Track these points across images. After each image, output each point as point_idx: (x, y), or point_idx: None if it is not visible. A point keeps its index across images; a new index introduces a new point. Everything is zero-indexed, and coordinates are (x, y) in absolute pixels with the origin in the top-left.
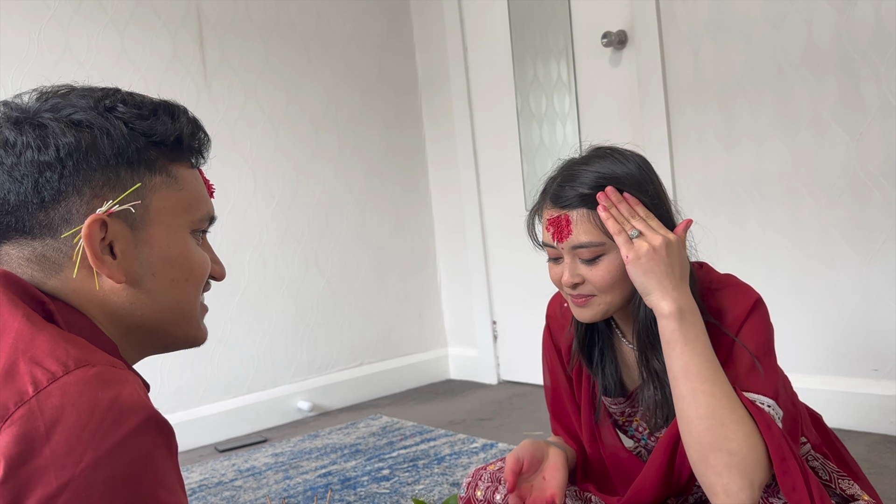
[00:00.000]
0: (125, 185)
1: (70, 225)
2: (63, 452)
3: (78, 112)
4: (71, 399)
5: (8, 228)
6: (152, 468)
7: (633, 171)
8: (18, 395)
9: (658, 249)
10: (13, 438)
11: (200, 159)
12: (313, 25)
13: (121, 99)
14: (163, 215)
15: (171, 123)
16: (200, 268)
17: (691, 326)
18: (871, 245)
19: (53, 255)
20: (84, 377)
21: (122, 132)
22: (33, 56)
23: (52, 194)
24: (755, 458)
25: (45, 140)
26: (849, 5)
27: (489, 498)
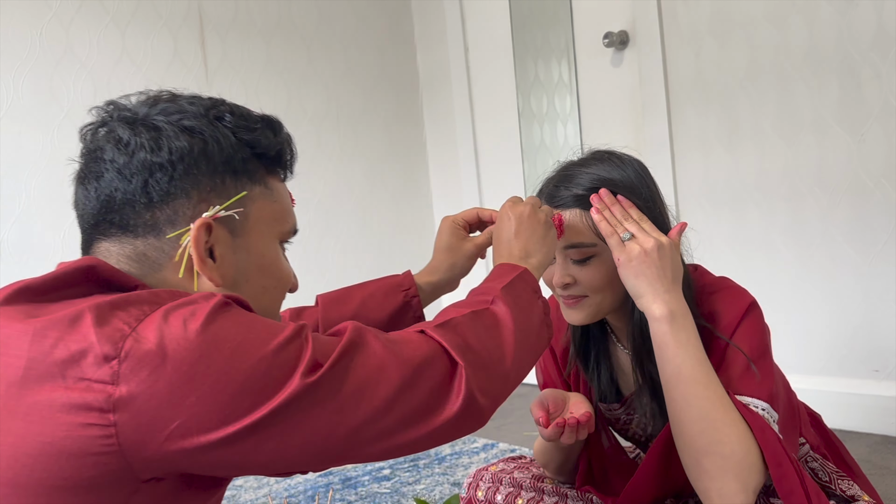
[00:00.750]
0: (229, 192)
1: (175, 226)
2: (181, 363)
3: (188, 118)
4: (162, 320)
5: (110, 225)
6: (255, 326)
7: (628, 175)
8: (119, 332)
9: (650, 252)
10: (136, 366)
11: (290, 174)
12: (314, 25)
13: (228, 109)
14: (259, 224)
15: (273, 137)
16: (287, 278)
17: (683, 329)
18: (872, 246)
19: (154, 254)
20: (165, 307)
21: (230, 141)
22: (35, 55)
23: (161, 195)
24: (749, 461)
25: (159, 142)
26: (850, 6)
27: (490, 498)
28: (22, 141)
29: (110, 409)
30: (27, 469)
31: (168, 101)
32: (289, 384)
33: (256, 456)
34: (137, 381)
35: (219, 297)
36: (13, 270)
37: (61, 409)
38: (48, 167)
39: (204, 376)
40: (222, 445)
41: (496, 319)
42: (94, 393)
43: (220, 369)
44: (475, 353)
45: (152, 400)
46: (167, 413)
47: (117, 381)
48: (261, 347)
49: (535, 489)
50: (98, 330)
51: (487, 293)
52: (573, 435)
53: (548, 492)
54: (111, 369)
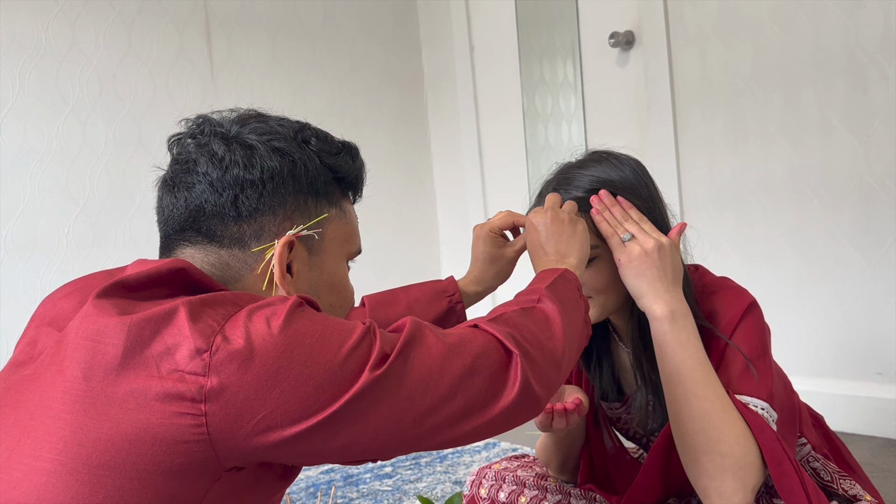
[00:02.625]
0: (311, 212)
1: (260, 241)
2: (269, 357)
3: (279, 140)
4: (247, 319)
5: (196, 233)
6: (318, 329)
7: (627, 175)
8: (210, 328)
9: (650, 253)
10: (226, 359)
11: (359, 198)
12: (320, 23)
13: (314, 133)
14: (333, 245)
15: (353, 163)
16: (352, 297)
17: (683, 329)
18: (877, 248)
19: (237, 264)
20: (249, 308)
21: (315, 164)
22: (41, 51)
23: (249, 211)
24: (748, 460)
25: (252, 160)
26: (857, 7)
27: (493, 496)
28: (27, 136)
29: (202, 400)
30: (123, 453)
31: (258, 121)
32: (361, 377)
33: (333, 444)
34: (227, 374)
35: (294, 298)
36: (17, 265)
37: (156, 397)
38: (53, 162)
39: (287, 371)
40: (303, 436)
41: (545, 315)
42: (187, 384)
43: (302, 364)
44: (528, 343)
45: (241, 392)
46: (254, 405)
47: (208, 373)
48: (338, 344)
49: (539, 487)
50: (192, 325)
51: (533, 293)
52: (563, 420)
53: (551, 490)
54: (203, 362)
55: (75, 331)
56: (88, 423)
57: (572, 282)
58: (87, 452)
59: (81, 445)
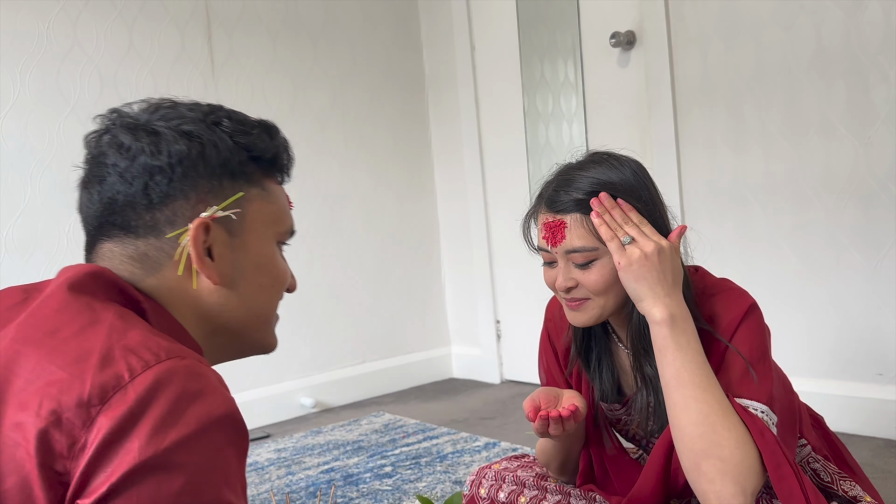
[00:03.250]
0: (227, 193)
1: (174, 226)
2: (150, 433)
3: (187, 123)
4: (162, 386)
5: (113, 226)
6: (223, 464)
7: (627, 177)
8: (116, 379)
9: (650, 256)
10: (110, 420)
11: (286, 177)
12: (321, 22)
13: (226, 115)
14: (256, 224)
15: (270, 141)
16: (284, 276)
17: (683, 333)
18: (877, 250)
19: (155, 253)
20: (175, 367)
21: (227, 145)
22: (42, 49)
23: (160, 197)
24: (748, 464)
25: (159, 146)
26: (859, 8)
27: (493, 496)
28: (28, 135)
29: (69, 457)
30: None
31: (168, 108)
32: None
33: None
34: (105, 434)
35: (221, 413)
36: (18, 265)
37: (30, 437)
38: (54, 162)
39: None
40: None
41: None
42: (62, 433)
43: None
44: None
45: (107, 458)
46: (111, 477)
47: (88, 428)
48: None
49: (539, 487)
50: (97, 372)
51: None
52: (559, 427)
53: (551, 490)
54: (88, 415)
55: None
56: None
57: None
58: None
59: None
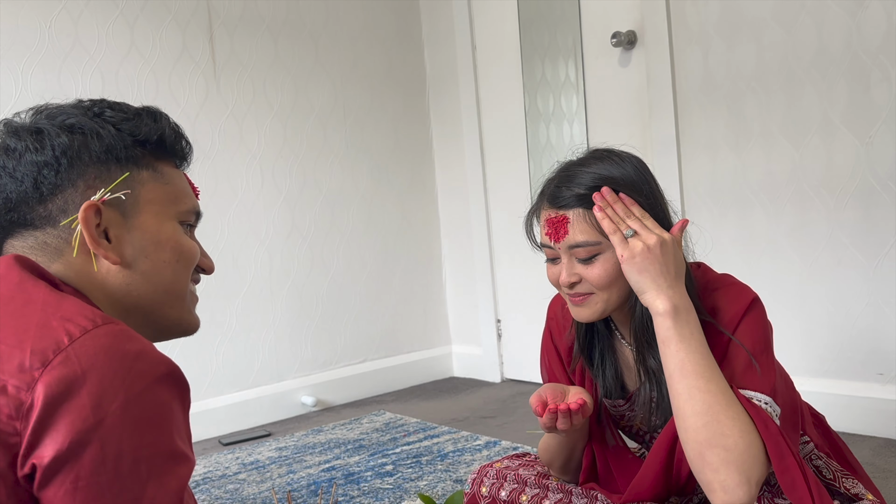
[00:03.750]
0: (115, 178)
1: (67, 214)
2: (98, 392)
3: (70, 118)
4: (103, 348)
5: (12, 224)
6: (171, 416)
7: (629, 173)
8: (56, 344)
9: (652, 248)
10: (54, 380)
11: (184, 163)
12: (322, 22)
13: (108, 105)
14: (151, 205)
15: (154, 124)
16: (189, 252)
17: (686, 324)
18: (878, 249)
19: (54, 241)
20: (112, 330)
21: (110, 132)
22: (44, 48)
23: (50, 188)
24: (752, 454)
25: (42, 142)
26: (860, 8)
27: (494, 494)
28: None
29: (17, 417)
30: None
31: (53, 108)
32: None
33: None
34: (49, 396)
35: (161, 372)
36: None
37: None
38: None
39: (102, 429)
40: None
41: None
42: (7, 397)
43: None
44: None
45: (55, 420)
46: (62, 440)
47: (31, 389)
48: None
49: (540, 486)
50: (36, 339)
51: None
52: (567, 421)
53: (552, 489)
54: (31, 377)
55: None
56: None
57: None
58: None
59: None
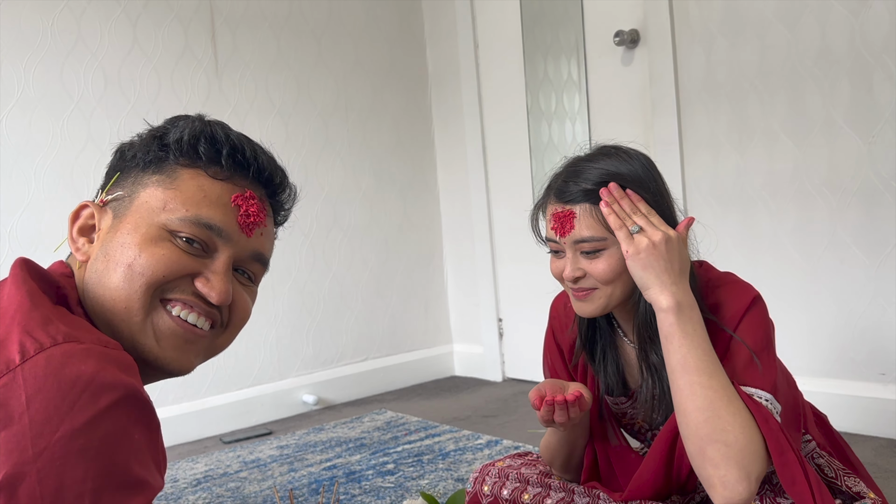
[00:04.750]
0: (130, 181)
1: None
2: (41, 421)
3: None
4: (53, 370)
5: None
6: (127, 443)
7: (636, 169)
8: (5, 363)
9: (658, 245)
10: (1, 407)
11: (212, 166)
12: (324, 19)
13: (170, 120)
14: (140, 209)
15: (181, 125)
16: (150, 260)
17: (689, 321)
18: (881, 248)
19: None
20: (69, 351)
21: (141, 139)
22: (46, 46)
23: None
24: (752, 450)
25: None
26: (863, 7)
27: (496, 493)
28: (32, 131)
29: None
30: None
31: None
32: None
33: None
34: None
35: (116, 398)
36: None
37: None
38: (58, 158)
39: (42, 455)
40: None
41: None
42: None
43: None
44: None
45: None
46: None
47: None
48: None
49: (542, 485)
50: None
51: None
52: (564, 413)
53: (554, 487)
54: None
55: None
56: None
57: None
58: None
59: None
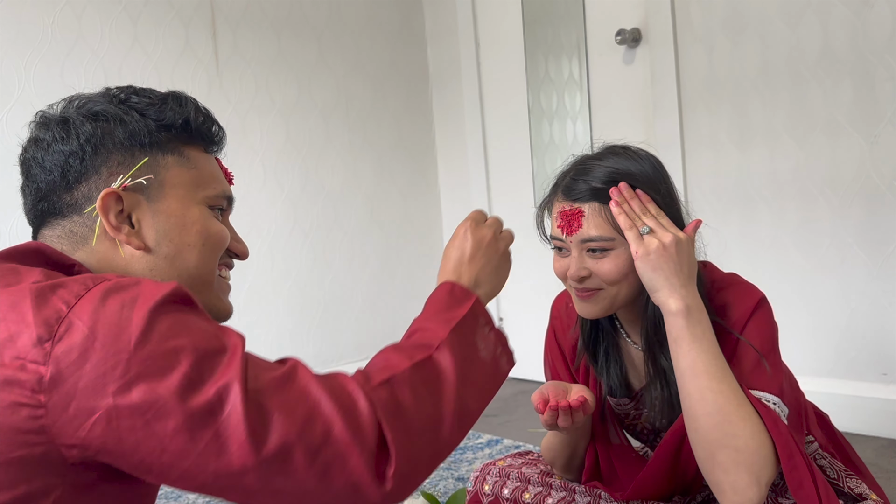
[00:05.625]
0: (137, 163)
1: (91, 202)
2: (110, 341)
3: (96, 105)
4: (101, 303)
5: (43, 213)
6: (187, 327)
7: (646, 169)
8: (56, 313)
9: (668, 247)
10: (67, 348)
11: (213, 146)
12: (325, 18)
13: (133, 91)
14: (177, 189)
15: (179, 108)
16: (217, 236)
17: (698, 324)
18: (882, 248)
19: (79, 229)
20: (105, 286)
21: (134, 118)
22: (47, 44)
23: (76, 177)
24: (762, 455)
25: (68, 131)
26: (865, 7)
27: (497, 492)
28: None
29: (41, 390)
30: None
31: (82, 98)
32: (210, 388)
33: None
34: (66, 364)
35: (167, 291)
36: None
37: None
38: None
39: (128, 364)
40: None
41: (438, 372)
42: (28, 373)
43: (143, 361)
44: (409, 420)
45: (79, 383)
46: (92, 399)
47: (48, 363)
48: (190, 353)
49: (543, 484)
50: (35, 312)
51: (433, 338)
52: (568, 418)
53: (556, 487)
54: (43, 350)
55: None
56: None
57: (480, 316)
58: None
59: None
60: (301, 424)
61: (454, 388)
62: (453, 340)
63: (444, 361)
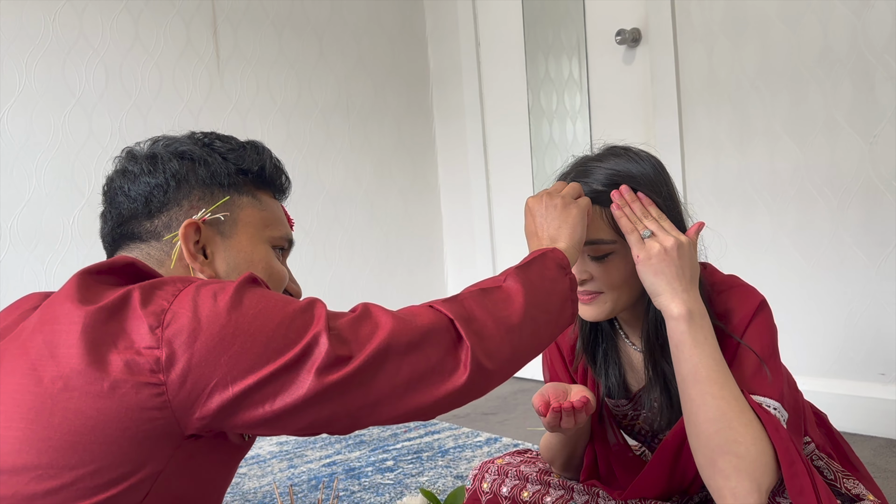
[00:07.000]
0: (217, 200)
1: (171, 230)
2: (210, 319)
3: (182, 146)
4: (197, 293)
5: (122, 237)
6: (271, 301)
7: (647, 172)
8: (160, 305)
9: (669, 251)
10: (176, 331)
11: (281, 195)
12: (326, 17)
13: (217, 137)
14: (248, 228)
15: (256, 157)
16: (279, 274)
17: (700, 329)
18: (881, 249)
19: (156, 253)
20: (196, 283)
21: (217, 161)
22: (48, 41)
23: (158, 206)
24: (764, 461)
25: (156, 166)
26: (865, 7)
27: (495, 490)
28: (33, 126)
29: (160, 370)
30: (91, 420)
31: (169, 139)
32: (303, 339)
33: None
34: (178, 345)
35: (246, 274)
36: (22, 256)
37: (119, 370)
38: (59, 154)
39: (234, 337)
40: (249, 395)
41: (507, 294)
42: (145, 357)
43: (247, 329)
44: (480, 322)
45: (192, 360)
46: (206, 371)
47: (161, 346)
48: (282, 311)
49: (542, 482)
50: (143, 308)
51: (502, 274)
52: (570, 419)
53: (554, 485)
54: (155, 336)
55: (39, 315)
56: (56, 395)
57: (553, 259)
58: (57, 421)
59: (52, 414)
60: (387, 335)
61: (522, 305)
62: (520, 274)
63: (512, 287)
